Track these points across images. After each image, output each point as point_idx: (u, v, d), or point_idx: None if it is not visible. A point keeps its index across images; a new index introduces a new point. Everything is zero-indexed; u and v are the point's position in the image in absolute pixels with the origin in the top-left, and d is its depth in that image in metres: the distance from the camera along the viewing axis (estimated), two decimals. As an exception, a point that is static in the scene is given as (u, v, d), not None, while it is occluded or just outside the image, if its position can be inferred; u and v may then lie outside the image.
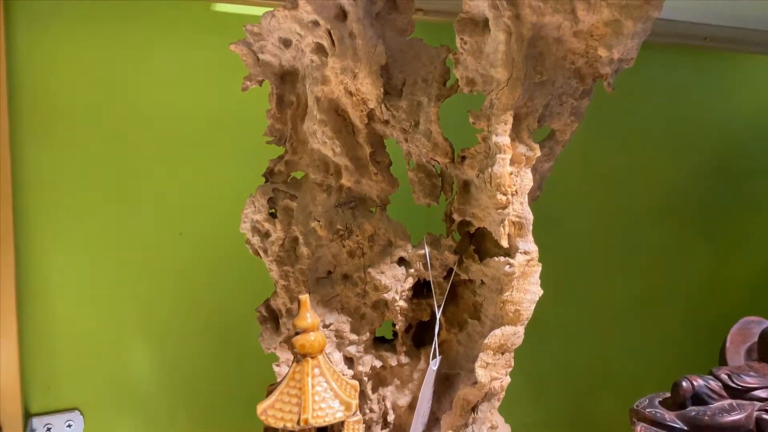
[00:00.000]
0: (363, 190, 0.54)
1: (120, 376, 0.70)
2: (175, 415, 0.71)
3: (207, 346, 0.71)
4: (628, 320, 0.95)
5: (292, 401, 0.47)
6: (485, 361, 0.51)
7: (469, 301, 0.56)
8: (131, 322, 0.70)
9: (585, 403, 0.94)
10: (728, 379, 0.63)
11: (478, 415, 0.53)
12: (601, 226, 0.92)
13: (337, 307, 0.55)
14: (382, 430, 0.57)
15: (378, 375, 0.57)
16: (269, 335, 0.55)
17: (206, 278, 0.71)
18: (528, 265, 0.50)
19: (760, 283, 1.01)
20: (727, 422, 0.60)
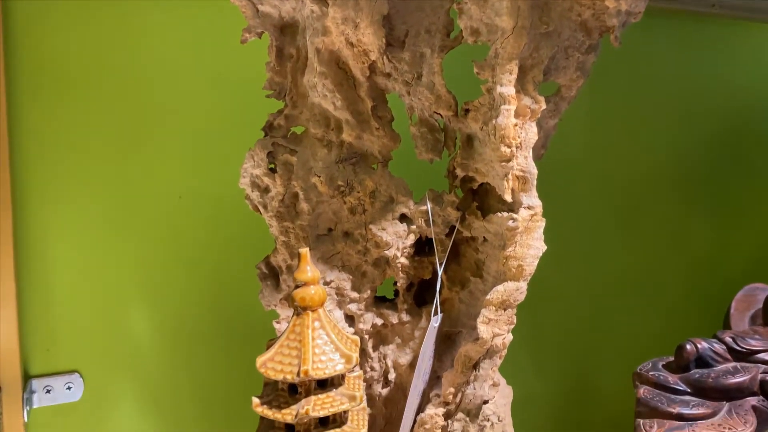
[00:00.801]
0: (364, 146, 0.53)
1: (120, 338, 0.69)
2: (175, 377, 0.71)
3: (207, 306, 0.71)
4: (631, 290, 0.94)
5: (292, 354, 0.46)
6: (487, 317, 0.50)
7: (471, 259, 0.55)
8: (131, 284, 0.69)
9: (587, 373, 0.94)
10: (733, 342, 0.63)
11: (479, 373, 0.53)
12: (604, 196, 0.91)
13: (337, 264, 0.54)
14: (383, 388, 0.57)
15: (379, 333, 0.56)
16: (269, 292, 0.54)
17: (205, 240, 0.70)
18: (532, 220, 0.50)
19: (763, 254, 1.01)
20: (731, 384, 0.60)
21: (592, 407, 0.94)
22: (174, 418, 0.71)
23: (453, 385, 0.52)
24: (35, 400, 0.67)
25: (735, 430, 0.57)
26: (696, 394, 0.60)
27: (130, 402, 0.70)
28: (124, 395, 0.70)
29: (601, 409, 0.95)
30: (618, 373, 0.95)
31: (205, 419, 0.72)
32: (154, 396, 0.71)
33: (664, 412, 0.58)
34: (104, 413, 0.70)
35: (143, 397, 0.70)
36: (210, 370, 0.72)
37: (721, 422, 0.57)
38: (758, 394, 0.60)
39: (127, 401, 0.70)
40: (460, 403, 0.53)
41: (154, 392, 0.70)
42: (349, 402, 0.46)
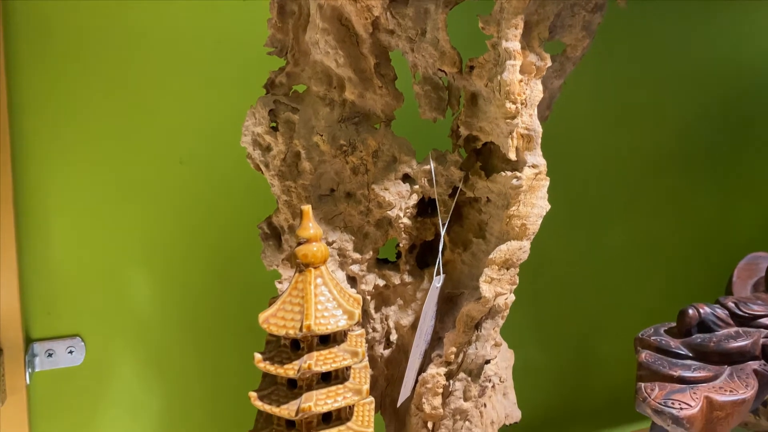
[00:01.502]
0: (367, 105, 0.53)
1: (122, 303, 0.69)
2: (178, 341, 0.71)
3: (209, 270, 0.71)
4: (633, 262, 0.94)
5: (295, 309, 0.46)
6: (490, 276, 0.50)
7: (474, 221, 0.55)
8: (133, 248, 0.69)
9: (588, 344, 0.94)
10: (735, 307, 0.63)
11: (481, 333, 0.53)
12: (607, 167, 0.91)
13: (339, 225, 0.54)
14: (384, 349, 0.57)
15: (381, 294, 0.56)
16: (271, 252, 0.54)
17: (207, 203, 0.70)
18: (536, 179, 0.49)
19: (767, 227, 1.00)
20: (732, 348, 0.60)
21: (593, 376, 0.95)
22: (177, 383, 0.71)
23: (455, 345, 0.52)
24: (37, 363, 0.67)
25: (736, 392, 0.57)
26: (697, 358, 0.60)
27: (133, 367, 0.70)
28: (127, 360, 0.70)
29: (603, 378, 0.95)
30: (620, 343, 0.95)
31: (208, 383, 0.72)
32: (156, 361, 0.71)
33: (665, 375, 0.58)
34: (106, 378, 0.70)
35: (146, 361, 0.70)
36: (212, 332, 0.71)
37: (723, 385, 0.57)
38: (760, 359, 0.60)
39: (129, 366, 0.70)
40: (461, 363, 0.53)
41: (157, 357, 0.71)
42: (351, 358, 0.46)
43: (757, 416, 0.78)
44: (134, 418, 0.71)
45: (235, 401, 0.65)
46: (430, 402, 0.52)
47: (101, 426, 0.70)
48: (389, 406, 0.57)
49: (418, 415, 0.53)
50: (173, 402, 0.72)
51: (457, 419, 0.54)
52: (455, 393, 0.53)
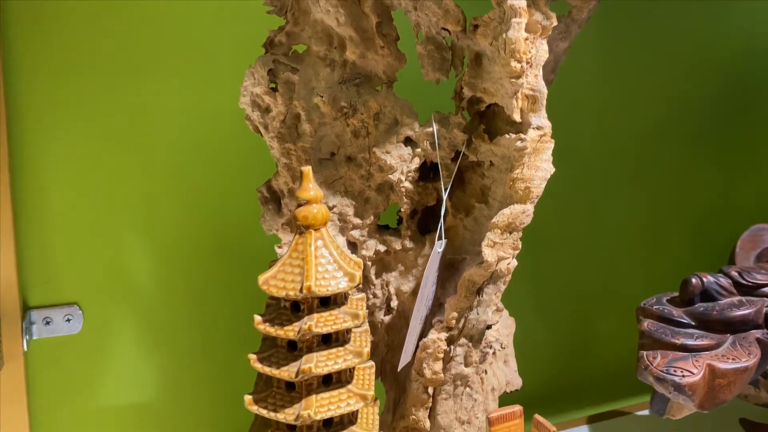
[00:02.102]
0: (368, 66, 0.51)
1: (120, 271, 0.69)
2: (177, 310, 0.70)
3: (208, 237, 0.70)
4: (635, 240, 0.94)
5: (295, 271, 0.45)
6: (492, 240, 0.49)
7: (476, 186, 0.54)
8: (131, 215, 0.68)
9: (588, 322, 0.94)
10: (739, 276, 0.62)
11: (483, 298, 0.52)
12: (610, 144, 0.90)
13: (340, 189, 0.53)
14: (385, 315, 0.56)
15: (382, 260, 0.55)
16: (271, 216, 0.53)
17: (205, 170, 0.69)
18: (540, 141, 0.48)
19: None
20: (735, 316, 0.59)
21: (594, 350, 0.95)
22: (175, 351, 0.71)
23: (456, 310, 0.52)
24: (35, 331, 0.66)
25: (739, 360, 0.56)
26: (700, 327, 0.60)
27: (131, 336, 0.70)
28: (125, 328, 0.70)
29: (603, 352, 0.95)
30: (621, 317, 0.95)
31: (207, 351, 0.72)
32: (155, 329, 0.70)
33: (667, 343, 0.58)
34: (104, 346, 0.69)
35: (144, 331, 0.70)
36: (211, 300, 0.71)
37: (725, 353, 0.57)
38: (763, 327, 0.59)
39: (127, 334, 0.70)
40: (462, 329, 0.52)
41: (155, 325, 0.70)
42: (352, 320, 0.46)
43: (757, 388, 0.78)
44: (132, 388, 0.70)
45: (234, 370, 0.64)
46: (431, 367, 0.52)
47: (99, 394, 0.70)
48: (390, 372, 0.57)
49: (419, 381, 0.53)
50: (171, 371, 0.71)
51: (458, 385, 0.53)
52: (456, 358, 0.53)
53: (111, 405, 0.70)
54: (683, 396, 0.55)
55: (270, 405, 0.46)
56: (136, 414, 0.71)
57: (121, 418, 0.70)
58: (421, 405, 0.53)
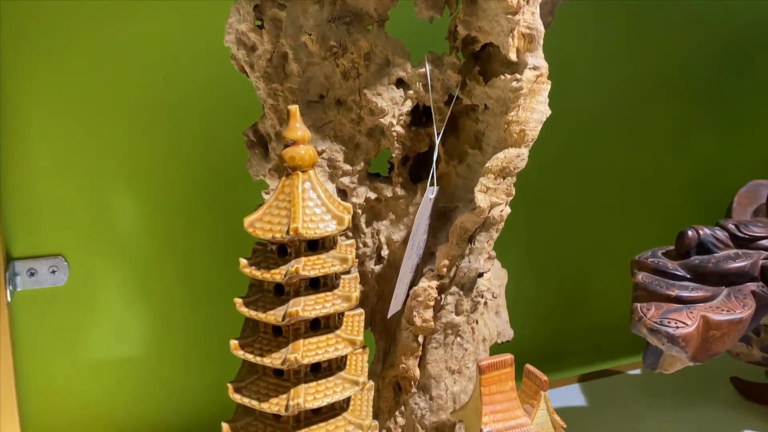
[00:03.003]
0: (359, 3, 0.49)
1: (105, 222, 0.67)
2: (163, 262, 0.69)
3: (193, 188, 0.68)
4: (631, 195, 0.93)
5: (281, 213, 0.44)
6: (486, 186, 0.48)
7: (470, 131, 0.52)
8: (116, 166, 0.66)
9: (582, 279, 0.93)
10: (735, 229, 0.61)
11: (475, 246, 0.51)
12: (608, 98, 0.88)
13: (329, 134, 0.51)
14: (375, 265, 0.55)
15: (372, 209, 0.54)
16: (257, 161, 0.52)
17: (191, 120, 0.67)
18: (537, 82, 0.47)
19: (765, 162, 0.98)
20: (731, 268, 0.59)
21: (587, 310, 0.94)
22: (163, 304, 0.70)
23: (447, 258, 0.51)
24: (19, 282, 0.65)
25: (733, 312, 0.56)
26: (695, 279, 0.59)
27: (118, 288, 0.69)
28: (111, 280, 0.68)
29: (597, 313, 0.95)
30: (615, 275, 0.95)
31: (194, 302, 0.71)
32: (141, 282, 0.69)
33: (662, 295, 0.57)
34: (90, 299, 0.68)
35: (131, 282, 0.69)
36: (199, 252, 0.70)
37: (720, 305, 0.56)
38: (758, 280, 0.59)
39: (114, 286, 0.69)
40: (454, 277, 0.51)
41: (142, 278, 0.69)
42: (340, 264, 0.45)
43: (749, 346, 0.78)
44: (119, 341, 0.70)
45: (223, 321, 0.63)
46: (421, 315, 0.51)
47: (85, 347, 0.69)
48: (380, 322, 0.56)
49: (409, 329, 0.52)
50: (159, 323, 0.70)
51: (449, 333, 0.53)
52: (447, 307, 0.52)
53: (98, 358, 0.69)
54: (676, 347, 0.55)
55: (256, 350, 0.45)
56: (123, 367, 0.70)
57: (108, 371, 0.70)
58: (411, 354, 0.53)
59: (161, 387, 0.72)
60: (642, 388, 0.86)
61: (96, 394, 0.70)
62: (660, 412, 0.79)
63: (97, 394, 0.70)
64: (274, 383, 0.46)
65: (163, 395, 0.72)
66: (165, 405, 0.72)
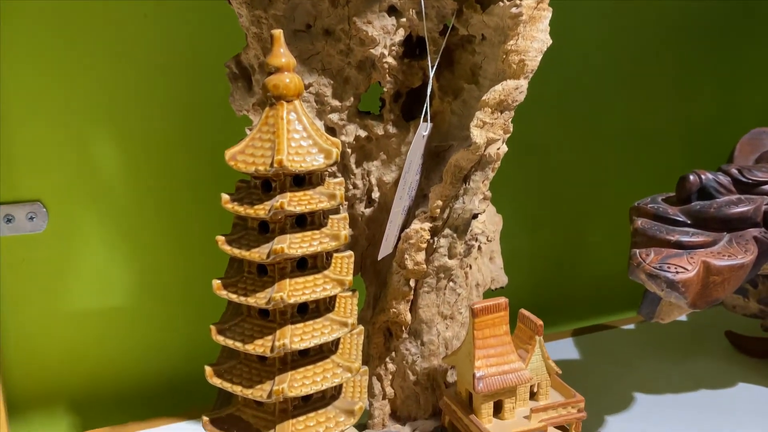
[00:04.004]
0: (348, -76, 0.46)
1: (85, 167, 0.64)
2: (145, 207, 0.67)
3: (176, 129, 0.66)
4: (628, 148, 0.90)
5: (265, 146, 0.42)
6: (482, 120, 0.46)
7: (466, 65, 0.49)
8: (95, 107, 0.63)
9: (577, 231, 0.91)
10: (738, 173, 0.59)
11: (469, 186, 0.49)
12: (607, 46, 0.85)
13: (317, 67, 0.49)
14: (366, 208, 0.53)
15: (363, 148, 0.51)
16: (240, 95, 0.49)
17: (172, 57, 0.64)
18: (537, 8, 0.44)
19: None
20: (733, 213, 0.57)
21: (583, 264, 0.93)
22: (146, 251, 0.68)
23: (441, 198, 0.48)
24: (-5, 228, 0.63)
25: (735, 257, 0.54)
26: (696, 225, 0.57)
27: (100, 237, 0.66)
28: (93, 229, 0.66)
29: (592, 267, 0.93)
30: (608, 235, 0.93)
31: (179, 250, 0.69)
32: (124, 228, 0.67)
33: (661, 240, 0.55)
34: (71, 246, 0.66)
35: (113, 229, 0.66)
36: (183, 197, 0.67)
37: (721, 250, 0.55)
38: (761, 226, 0.57)
39: (96, 236, 0.66)
40: (447, 219, 0.49)
41: (125, 224, 0.66)
42: (328, 201, 0.42)
43: (746, 298, 0.77)
44: (102, 289, 0.68)
45: (209, 269, 0.61)
46: (413, 258, 0.49)
47: (67, 298, 0.67)
48: (370, 267, 0.54)
49: (400, 273, 0.50)
50: (143, 272, 0.68)
51: (441, 278, 0.51)
52: (439, 250, 0.50)
53: (80, 307, 0.67)
54: (676, 293, 0.53)
55: (240, 290, 0.43)
56: (106, 316, 0.68)
57: (91, 321, 0.68)
58: (402, 298, 0.51)
59: (146, 336, 0.70)
60: (636, 343, 0.86)
61: (78, 345, 0.68)
62: (654, 366, 0.78)
63: (79, 345, 0.68)
64: (259, 325, 0.44)
65: (148, 345, 0.70)
66: (150, 355, 0.70)
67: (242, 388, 0.43)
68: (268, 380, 0.43)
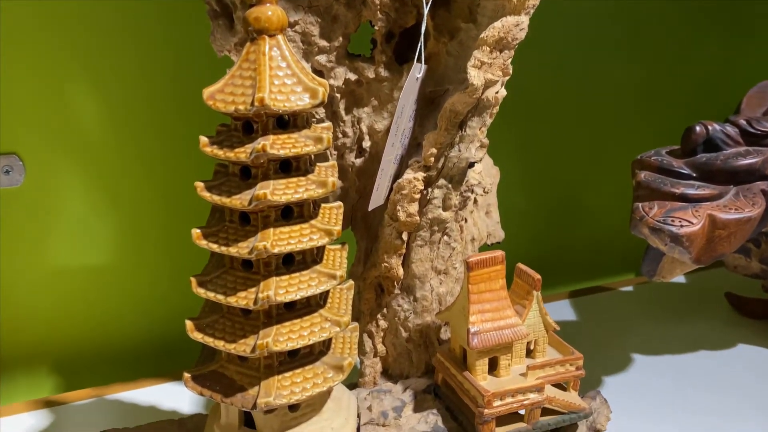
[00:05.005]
0: None
1: (63, 119, 0.61)
2: (127, 160, 0.64)
3: (156, 76, 0.62)
4: (629, 107, 0.87)
5: (246, 83, 0.39)
6: (480, 60, 0.43)
7: (463, 3, 0.46)
8: (72, 54, 0.60)
9: (576, 190, 0.89)
10: (747, 124, 0.57)
11: (466, 132, 0.46)
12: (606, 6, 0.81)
13: (303, 3, 0.45)
14: (356, 158, 0.50)
15: (353, 93, 0.48)
16: (221, 33, 0.46)
17: (153, 3, 0.60)
18: (540, -63, 0.41)
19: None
20: (741, 165, 0.54)
21: (580, 224, 0.91)
22: (128, 206, 0.65)
23: (435, 146, 0.46)
24: (-31, 182, 0.60)
25: (742, 211, 0.52)
26: (702, 178, 0.55)
27: (81, 191, 0.64)
28: (72, 182, 0.63)
29: (590, 228, 0.91)
30: (607, 195, 0.91)
31: (163, 206, 0.66)
32: (105, 182, 0.64)
33: (666, 193, 0.53)
34: (50, 201, 0.63)
35: (93, 183, 0.64)
36: (167, 149, 0.64)
37: (727, 203, 0.52)
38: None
39: (75, 188, 0.63)
40: (442, 168, 0.47)
41: (106, 178, 0.64)
42: (314, 145, 0.40)
43: (748, 258, 0.75)
44: (82, 246, 0.65)
45: (191, 225, 0.59)
46: (406, 209, 0.47)
47: (48, 254, 0.64)
48: (361, 220, 0.52)
49: (392, 225, 0.48)
50: (125, 228, 0.66)
51: (435, 231, 0.48)
52: (434, 201, 0.47)
53: (60, 265, 0.65)
54: (680, 248, 0.51)
55: (221, 239, 0.41)
56: (87, 274, 0.66)
57: (70, 279, 0.65)
58: (394, 252, 0.48)
59: (130, 293, 0.68)
60: (634, 305, 0.84)
61: (57, 303, 0.66)
62: (653, 328, 0.77)
63: (58, 303, 0.66)
64: (242, 277, 0.42)
65: (133, 302, 0.68)
66: (135, 313, 0.68)
67: (225, 342, 0.41)
68: (252, 334, 0.41)
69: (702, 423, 0.58)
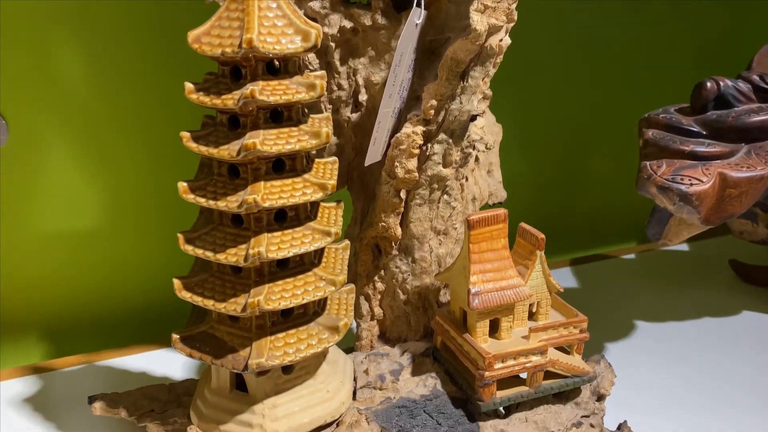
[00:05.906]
0: None
1: (47, 74, 0.59)
2: (114, 120, 0.61)
3: (144, 32, 0.59)
4: (632, 72, 0.85)
5: (233, 25, 0.36)
6: (483, 4, 0.40)
7: (466, -55, 0.44)
8: (57, 9, 0.57)
9: (577, 157, 0.87)
10: (760, 80, 0.54)
11: (468, 83, 0.43)
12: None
13: (295, -55, 0.43)
14: (352, 112, 0.48)
15: (348, 42, 0.46)
16: (208, -23, 0.43)
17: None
18: None
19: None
20: (753, 122, 0.52)
21: (582, 190, 0.89)
22: (116, 168, 0.63)
23: (435, 98, 0.43)
24: (-51, 141, 0.57)
25: (754, 169, 0.50)
26: (712, 136, 0.53)
27: (68, 153, 0.61)
28: (58, 142, 0.61)
29: (592, 193, 0.89)
30: (608, 162, 0.89)
31: (151, 167, 0.64)
32: (92, 143, 0.61)
33: (675, 151, 0.51)
34: (35, 163, 0.61)
35: (80, 144, 0.61)
36: (156, 108, 0.62)
37: (739, 162, 0.50)
38: (782, 136, 0.53)
39: (63, 152, 0.61)
40: (443, 122, 0.44)
41: (93, 139, 0.61)
42: (306, 92, 0.37)
43: (754, 223, 0.73)
44: (69, 210, 0.63)
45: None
46: (404, 165, 0.45)
47: (33, 218, 0.62)
48: (357, 179, 0.50)
49: (390, 183, 0.46)
50: (113, 191, 0.63)
51: (435, 189, 0.46)
52: (433, 157, 0.45)
53: (46, 229, 0.63)
54: (689, 207, 0.49)
55: (210, 193, 0.39)
56: (74, 239, 0.64)
57: (57, 244, 0.64)
58: (392, 210, 0.46)
59: (117, 260, 0.66)
60: (638, 272, 0.83)
61: (44, 269, 0.64)
62: (656, 295, 0.75)
63: (44, 269, 0.64)
64: (232, 233, 0.40)
65: (120, 268, 0.66)
66: (121, 279, 0.66)
67: (214, 302, 0.39)
68: (243, 293, 0.39)
69: (705, 390, 0.57)
